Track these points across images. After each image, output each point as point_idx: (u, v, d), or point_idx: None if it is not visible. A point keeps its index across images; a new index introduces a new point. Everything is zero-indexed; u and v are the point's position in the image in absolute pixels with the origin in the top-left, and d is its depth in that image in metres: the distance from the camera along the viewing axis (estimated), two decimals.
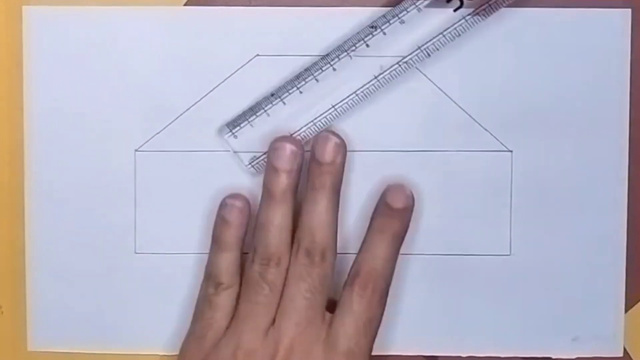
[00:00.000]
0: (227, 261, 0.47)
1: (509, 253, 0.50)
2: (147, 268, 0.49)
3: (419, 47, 0.47)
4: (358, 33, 0.48)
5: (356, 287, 0.46)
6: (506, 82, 0.49)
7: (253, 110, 0.48)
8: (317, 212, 0.46)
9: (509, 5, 0.47)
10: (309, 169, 0.47)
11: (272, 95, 0.48)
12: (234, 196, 0.48)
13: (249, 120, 0.48)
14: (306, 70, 0.48)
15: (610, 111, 0.49)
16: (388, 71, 0.47)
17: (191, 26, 0.49)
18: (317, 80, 0.48)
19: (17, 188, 0.49)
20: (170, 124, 0.49)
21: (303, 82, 0.48)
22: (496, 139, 0.49)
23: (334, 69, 0.48)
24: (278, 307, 0.46)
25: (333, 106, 0.48)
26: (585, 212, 0.49)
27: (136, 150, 0.49)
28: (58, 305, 0.50)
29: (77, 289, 0.50)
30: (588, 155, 0.49)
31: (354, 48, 0.48)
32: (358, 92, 0.48)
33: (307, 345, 0.45)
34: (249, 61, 0.49)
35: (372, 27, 0.48)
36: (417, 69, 0.49)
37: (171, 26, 0.49)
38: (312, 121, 0.48)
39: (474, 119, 0.49)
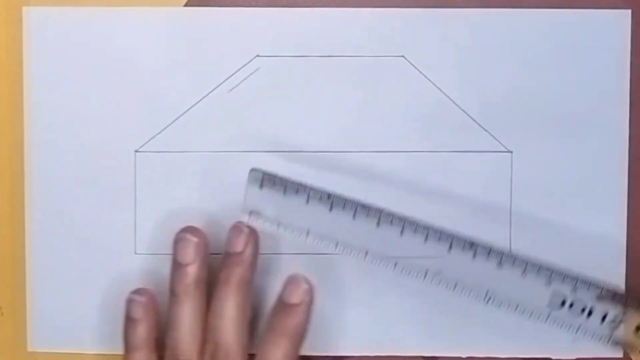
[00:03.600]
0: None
1: None
2: (147, 268, 0.49)
3: None
4: None
5: None
6: (506, 82, 0.49)
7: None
8: (221, 310, 0.45)
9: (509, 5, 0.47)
10: (221, 262, 0.46)
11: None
12: (138, 291, 0.47)
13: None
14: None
15: (610, 111, 0.49)
16: None
17: (191, 26, 0.49)
18: None
19: (17, 188, 0.49)
20: (170, 124, 0.49)
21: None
22: (496, 139, 0.49)
23: None
24: None
25: None
26: (585, 212, 0.49)
27: (136, 151, 0.49)
28: (58, 305, 0.50)
29: (77, 289, 0.50)
30: (588, 155, 0.49)
31: None
32: None
33: None
34: (249, 61, 0.49)
35: None
36: (417, 69, 0.49)
37: (171, 26, 0.49)
38: None
39: (474, 119, 0.49)
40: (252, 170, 0.47)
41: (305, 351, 0.50)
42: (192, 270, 0.45)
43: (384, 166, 0.49)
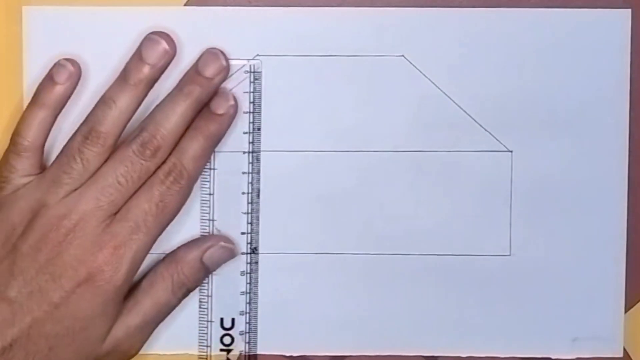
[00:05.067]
0: (38, 118, 0.47)
1: (509, 253, 0.50)
2: (147, 268, 0.49)
3: None
4: None
5: (160, 173, 0.46)
6: (506, 82, 0.49)
7: None
8: (172, 111, 0.47)
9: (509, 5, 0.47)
10: (184, 75, 0.48)
11: None
12: (69, 59, 0.48)
13: None
14: None
15: (610, 111, 0.49)
16: None
17: (191, 26, 0.49)
18: None
19: None
20: None
21: None
22: (496, 139, 0.49)
23: None
24: (89, 177, 0.46)
25: None
26: (585, 213, 0.49)
27: None
28: None
29: None
30: (588, 155, 0.49)
31: None
32: None
33: (97, 219, 0.46)
34: (249, 61, 0.49)
35: None
36: (417, 69, 0.49)
37: (171, 26, 0.49)
38: None
39: (474, 119, 0.49)
40: None
41: (305, 351, 0.50)
42: (149, 71, 0.47)
43: (384, 166, 0.49)
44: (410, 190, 0.49)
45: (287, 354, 0.50)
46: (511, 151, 0.49)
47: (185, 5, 0.49)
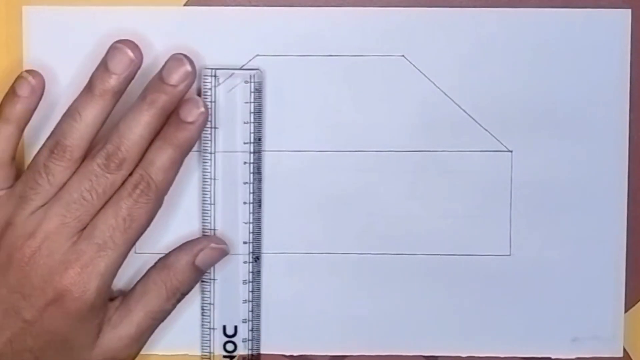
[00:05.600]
0: (2, 135, 0.46)
1: (509, 253, 0.50)
2: (147, 268, 0.49)
3: None
4: None
5: (127, 186, 0.45)
6: (506, 81, 0.49)
7: None
8: (136, 122, 0.45)
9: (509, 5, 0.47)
10: (148, 84, 0.47)
11: None
12: (31, 72, 0.47)
13: None
14: None
15: (610, 111, 0.49)
16: None
17: (191, 26, 0.49)
18: None
19: None
20: None
21: None
22: (496, 139, 0.49)
23: None
24: (56, 193, 0.45)
25: None
26: (585, 213, 0.49)
27: None
28: None
29: None
30: (588, 155, 0.49)
31: None
32: None
33: (63, 237, 0.45)
34: (249, 61, 0.49)
35: None
36: (417, 69, 0.49)
37: (171, 26, 0.49)
38: None
39: (474, 119, 0.49)
40: None
41: (305, 351, 0.50)
42: (115, 81, 0.46)
43: (384, 166, 0.49)
44: (411, 190, 0.49)
45: (288, 354, 0.50)
46: (511, 151, 0.49)
47: (185, 5, 0.49)
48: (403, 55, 0.49)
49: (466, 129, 0.49)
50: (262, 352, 0.50)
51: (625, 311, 0.50)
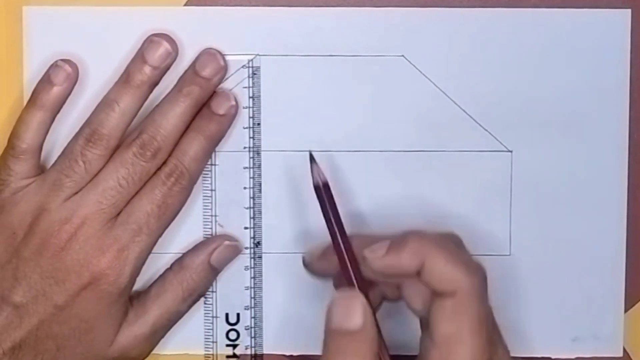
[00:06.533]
0: (36, 120, 0.47)
1: (509, 253, 0.50)
2: (147, 267, 0.49)
3: None
4: None
5: (162, 175, 0.46)
6: (506, 82, 0.49)
7: None
8: (172, 112, 0.47)
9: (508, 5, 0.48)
10: (182, 76, 0.48)
11: None
12: (67, 61, 0.48)
13: None
14: None
15: (610, 111, 0.49)
16: None
17: (191, 26, 0.49)
18: None
19: None
20: None
21: None
22: (496, 139, 0.49)
23: None
24: (90, 180, 0.46)
25: None
26: (585, 213, 0.49)
27: None
28: None
29: None
30: (588, 155, 0.49)
31: None
32: None
33: (99, 223, 0.46)
34: (248, 61, 0.49)
35: None
36: (417, 69, 0.49)
37: (171, 26, 0.49)
38: None
39: (474, 119, 0.49)
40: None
41: (305, 351, 0.50)
42: (151, 73, 0.47)
43: (384, 166, 0.49)
44: (410, 189, 0.49)
45: (288, 354, 0.50)
46: (511, 151, 0.49)
47: (185, 5, 0.49)
48: (403, 55, 0.49)
49: (466, 129, 0.49)
50: (262, 352, 0.50)
51: (625, 311, 0.50)
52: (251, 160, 0.49)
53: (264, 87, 0.49)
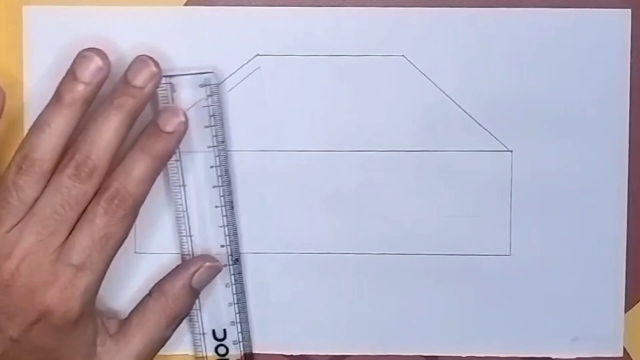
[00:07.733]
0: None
1: (508, 253, 0.50)
2: (147, 268, 0.49)
3: None
4: None
5: (102, 201, 0.44)
6: (506, 81, 0.49)
7: None
8: (105, 127, 0.44)
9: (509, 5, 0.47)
10: (114, 87, 0.45)
11: None
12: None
13: None
14: None
15: (610, 111, 0.49)
16: None
17: (191, 26, 0.49)
18: None
19: None
20: None
21: None
22: (496, 139, 0.49)
23: None
24: (29, 209, 0.44)
25: None
26: (585, 213, 0.49)
27: None
28: None
29: None
30: (588, 155, 0.49)
31: None
32: None
33: (41, 255, 0.44)
34: (248, 61, 0.49)
35: None
36: (417, 68, 0.49)
37: (171, 26, 0.49)
38: None
39: (474, 119, 0.49)
40: None
41: (305, 351, 0.50)
42: (84, 90, 0.44)
43: (384, 166, 0.49)
44: (410, 190, 0.49)
45: (287, 354, 0.50)
46: (511, 151, 0.49)
47: (185, 5, 0.49)
48: (403, 55, 0.49)
49: (466, 129, 0.49)
50: (262, 352, 0.50)
51: (625, 311, 0.50)
52: (219, 178, 0.48)
53: (264, 87, 0.49)
